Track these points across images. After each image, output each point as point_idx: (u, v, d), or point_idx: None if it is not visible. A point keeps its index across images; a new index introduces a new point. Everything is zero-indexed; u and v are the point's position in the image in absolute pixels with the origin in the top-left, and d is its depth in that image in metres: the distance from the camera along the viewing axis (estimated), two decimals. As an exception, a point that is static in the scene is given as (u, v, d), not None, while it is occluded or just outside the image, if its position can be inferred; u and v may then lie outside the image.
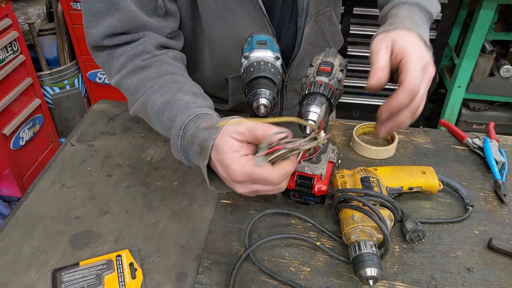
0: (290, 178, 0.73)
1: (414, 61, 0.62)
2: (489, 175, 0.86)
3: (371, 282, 0.61)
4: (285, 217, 0.77)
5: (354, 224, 0.67)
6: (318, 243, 0.71)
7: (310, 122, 0.64)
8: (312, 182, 0.73)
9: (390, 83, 0.68)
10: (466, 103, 2.35)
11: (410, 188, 0.78)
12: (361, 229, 0.66)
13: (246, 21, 0.83)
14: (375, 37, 0.70)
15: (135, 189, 0.83)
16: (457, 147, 0.94)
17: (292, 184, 0.74)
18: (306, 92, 0.67)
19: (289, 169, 0.57)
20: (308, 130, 0.64)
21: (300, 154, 0.59)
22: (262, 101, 0.69)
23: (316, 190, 0.73)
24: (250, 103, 0.70)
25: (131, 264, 0.68)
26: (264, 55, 0.72)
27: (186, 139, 0.63)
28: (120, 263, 0.68)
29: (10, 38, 1.92)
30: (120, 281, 0.66)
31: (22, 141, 2.11)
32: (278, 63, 0.74)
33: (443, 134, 0.98)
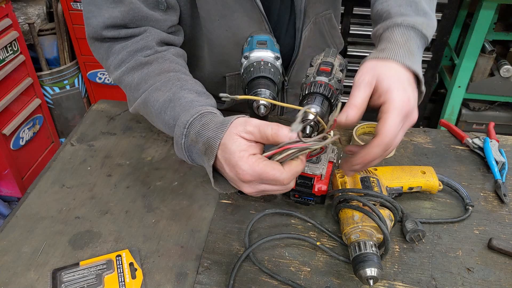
0: (290, 178, 0.72)
1: (395, 110, 0.58)
2: (489, 175, 0.86)
3: (371, 282, 0.61)
4: (285, 217, 0.77)
5: (354, 224, 0.67)
6: (318, 243, 0.71)
7: (324, 124, 0.62)
8: (312, 182, 0.73)
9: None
10: (466, 103, 2.35)
11: (410, 188, 0.78)
12: (361, 229, 0.66)
13: (244, 19, 0.83)
14: (364, 62, 0.66)
15: (135, 189, 0.83)
16: (457, 147, 0.94)
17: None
18: (306, 92, 0.67)
19: (298, 169, 0.57)
20: (308, 130, 0.64)
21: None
22: (262, 101, 0.69)
23: (316, 190, 0.74)
24: (250, 103, 0.70)
25: (131, 264, 0.68)
26: (264, 55, 0.72)
27: (191, 138, 0.62)
28: (120, 263, 0.68)
29: (10, 38, 1.92)
30: (120, 281, 0.66)
31: (22, 141, 2.11)
32: (278, 63, 0.74)
33: (443, 134, 0.98)
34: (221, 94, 0.59)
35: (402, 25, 0.68)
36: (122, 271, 0.67)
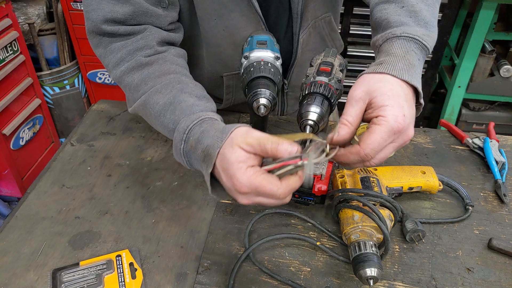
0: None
1: (385, 125, 0.57)
2: (489, 175, 0.86)
3: (371, 282, 0.61)
4: (285, 217, 0.77)
5: (354, 224, 0.67)
6: (318, 243, 0.71)
7: (321, 138, 0.60)
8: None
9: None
10: (466, 103, 2.35)
11: (410, 188, 0.78)
12: (361, 229, 0.66)
13: (241, 19, 0.83)
14: (361, 76, 0.63)
15: (135, 189, 0.83)
16: (457, 147, 0.94)
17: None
18: (306, 92, 0.67)
19: (296, 185, 0.56)
20: (308, 130, 0.64)
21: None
22: (262, 101, 0.69)
23: (316, 190, 0.73)
24: (250, 103, 0.70)
25: (131, 264, 0.68)
26: (264, 55, 0.72)
27: (190, 144, 0.62)
28: (120, 263, 0.68)
29: (10, 38, 1.92)
30: (120, 281, 0.66)
31: (22, 141, 2.11)
32: (278, 63, 0.74)
33: (443, 134, 0.98)
34: None
35: (401, 37, 0.65)
36: (122, 271, 0.67)
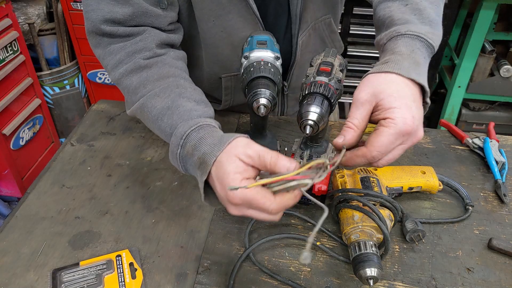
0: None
1: (393, 127, 0.56)
2: (489, 175, 0.86)
3: (371, 282, 0.61)
4: (285, 217, 0.77)
5: (354, 224, 0.67)
6: (318, 243, 0.71)
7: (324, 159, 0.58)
8: (312, 182, 0.73)
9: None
10: (466, 103, 2.35)
11: (410, 188, 0.78)
12: (361, 229, 0.66)
13: (239, 20, 0.83)
14: (366, 76, 0.62)
15: (135, 189, 0.83)
16: (457, 147, 0.94)
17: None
18: (306, 92, 0.67)
19: (290, 203, 0.55)
20: (308, 130, 0.64)
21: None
22: (262, 101, 0.69)
23: (316, 190, 0.73)
24: (250, 103, 0.70)
25: (131, 264, 0.68)
26: (264, 55, 0.72)
27: (186, 150, 0.62)
28: (120, 263, 0.68)
29: (10, 38, 1.92)
30: (120, 281, 0.66)
31: (22, 141, 2.11)
32: (278, 63, 0.74)
33: (443, 134, 0.98)
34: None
35: (406, 35, 0.64)
36: (122, 271, 0.67)
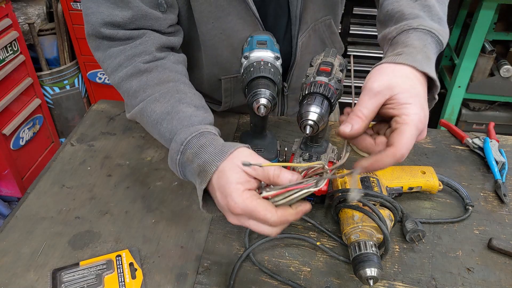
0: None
1: (413, 127, 0.55)
2: (489, 175, 0.86)
3: (371, 282, 0.61)
4: (285, 217, 0.77)
5: (354, 224, 0.67)
6: (318, 243, 0.71)
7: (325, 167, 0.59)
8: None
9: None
10: (466, 103, 2.35)
11: (410, 188, 0.78)
12: (361, 229, 0.66)
13: (238, 22, 0.83)
14: (379, 65, 0.60)
15: (135, 189, 0.83)
16: (457, 147, 0.94)
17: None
18: (306, 92, 0.67)
19: (291, 218, 0.55)
20: (308, 130, 0.64)
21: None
22: (262, 101, 0.69)
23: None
24: (250, 103, 0.70)
25: (131, 264, 0.68)
26: (264, 55, 0.72)
27: (186, 156, 0.62)
28: (120, 263, 0.68)
29: (10, 38, 1.92)
30: (120, 281, 0.66)
31: (22, 141, 2.11)
32: (278, 63, 0.74)
33: (443, 134, 0.98)
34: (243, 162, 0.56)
35: (418, 29, 0.63)
36: (122, 271, 0.67)
